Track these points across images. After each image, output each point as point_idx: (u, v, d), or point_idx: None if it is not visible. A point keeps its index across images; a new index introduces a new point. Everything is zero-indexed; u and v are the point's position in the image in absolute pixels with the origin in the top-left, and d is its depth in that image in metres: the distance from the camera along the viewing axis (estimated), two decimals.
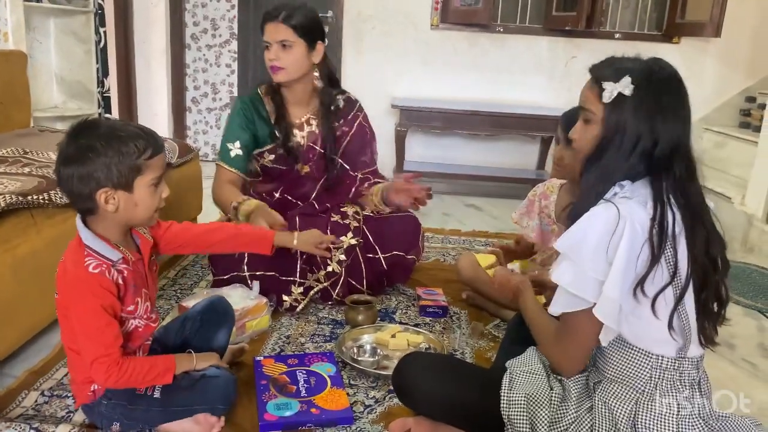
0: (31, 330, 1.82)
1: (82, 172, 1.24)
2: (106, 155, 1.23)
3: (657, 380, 1.15)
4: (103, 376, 1.29)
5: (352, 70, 4.52)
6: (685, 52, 4.38)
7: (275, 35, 2.13)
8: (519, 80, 4.47)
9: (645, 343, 1.14)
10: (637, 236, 1.07)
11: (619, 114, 1.13)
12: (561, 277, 1.12)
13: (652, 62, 1.16)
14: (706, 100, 4.39)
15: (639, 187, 1.12)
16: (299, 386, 1.63)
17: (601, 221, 1.08)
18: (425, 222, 3.48)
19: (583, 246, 1.10)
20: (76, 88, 3.83)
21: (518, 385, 1.24)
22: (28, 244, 1.75)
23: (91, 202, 1.27)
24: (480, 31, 4.40)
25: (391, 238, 2.29)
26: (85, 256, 1.28)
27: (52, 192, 1.91)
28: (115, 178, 1.25)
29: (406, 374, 1.37)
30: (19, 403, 1.54)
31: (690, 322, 1.13)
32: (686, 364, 1.15)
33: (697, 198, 1.14)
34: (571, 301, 1.12)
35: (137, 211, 1.31)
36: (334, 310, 2.18)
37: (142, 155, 1.27)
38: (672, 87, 1.13)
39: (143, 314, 1.38)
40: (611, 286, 1.07)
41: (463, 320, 2.17)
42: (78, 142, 1.25)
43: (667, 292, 1.10)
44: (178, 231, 1.54)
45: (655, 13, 4.43)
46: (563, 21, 4.24)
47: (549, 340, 1.24)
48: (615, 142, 1.13)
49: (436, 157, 4.57)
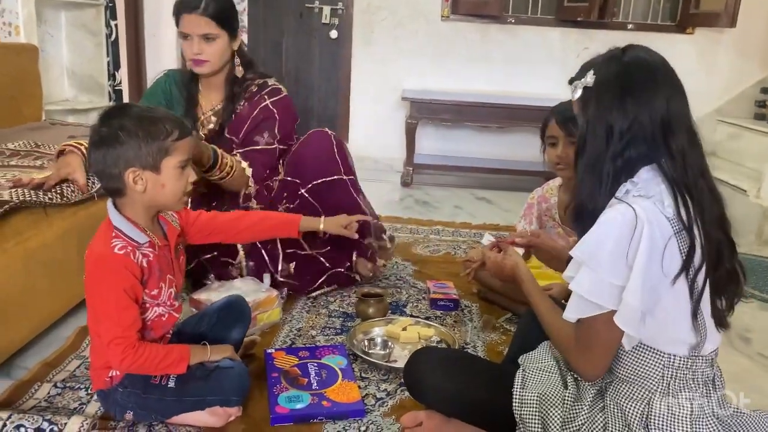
0: (43, 322, 1.82)
1: (113, 152, 1.28)
2: (136, 135, 1.28)
3: (669, 379, 1.11)
4: (118, 358, 1.30)
5: (362, 63, 4.50)
6: (699, 43, 4.32)
7: (198, 28, 2.01)
8: (530, 72, 4.43)
9: (658, 343, 1.11)
10: (656, 241, 1.03)
11: (587, 106, 1.13)
12: (579, 285, 1.09)
13: (618, 50, 1.14)
14: (721, 92, 4.34)
15: (651, 183, 1.08)
16: (310, 379, 1.63)
17: (617, 225, 1.04)
18: (436, 215, 3.49)
19: (600, 252, 1.05)
20: (87, 82, 3.84)
21: (531, 383, 1.23)
22: (40, 237, 1.76)
23: (120, 182, 1.30)
24: (491, 23, 4.37)
25: (305, 165, 2.17)
26: (113, 237, 1.32)
27: (64, 186, 1.91)
28: (143, 158, 1.29)
29: (416, 370, 1.36)
30: (32, 395, 1.55)
31: (705, 313, 1.10)
32: (699, 362, 1.12)
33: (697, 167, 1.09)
34: (587, 307, 1.09)
35: (164, 193, 1.34)
36: (345, 303, 2.18)
37: (170, 136, 1.31)
38: (642, 66, 1.10)
39: (167, 300, 1.41)
40: (631, 294, 1.03)
41: (475, 313, 2.16)
42: (110, 123, 1.29)
43: (699, 276, 1.06)
44: (206, 219, 1.62)
45: (668, 4, 4.37)
46: (575, 12, 4.20)
47: (569, 347, 1.18)
48: (591, 133, 1.12)
49: (447, 150, 4.54)
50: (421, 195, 4.01)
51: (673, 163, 1.08)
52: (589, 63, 1.16)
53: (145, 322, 1.36)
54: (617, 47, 1.15)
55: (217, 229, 1.65)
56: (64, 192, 1.87)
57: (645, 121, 1.07)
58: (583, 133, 1.14)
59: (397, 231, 3.07)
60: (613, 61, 1.12)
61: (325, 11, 4.51)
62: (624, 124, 1.08)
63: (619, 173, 1.09)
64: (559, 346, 1.23)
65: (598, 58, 1.16)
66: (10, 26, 2.99)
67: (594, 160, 1.11)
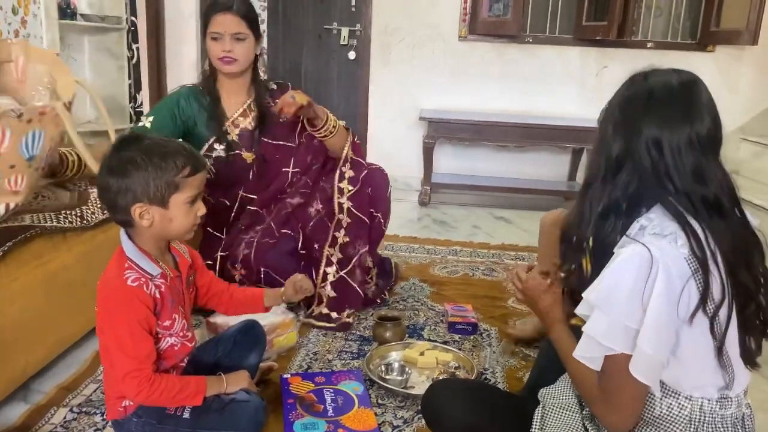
0: (61, 345, 1.83)
1: (121, 184, 1.26)
2: (145, 170, 1.25)
3: (697, 424, 1.06)
4: (134, 392, 1.29)
5: (380, 83, 4.52)
6: (721, 61, 4.27)
7: (230, 27, 2.12)
8: (549, 91, 4.41)
9: (683, 387, 1.05)
10: (673, 284, 0.98)
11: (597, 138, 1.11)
12: (593, 329, 1.03)
13: (640, 75, 1.09)
14: (743, 110, 4.27)
15: (666, 220, 1.02)
16: (326, 405, 1.61)
17: (634, 267, 0.99)
18: (454, 235, 3.46)
19: (616, 294, 1.00)
20: (109, 104, 3.89)
21: (550, 423, 1.19)
22: (59, 260, 1.77)
23: (127, 215, 1.29)
24: (509, 42, 4.36)
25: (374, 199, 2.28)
26: (126, 269, 1.30)
27: (84, 208, 1.93)
28: (151, 193, 1.27)
29: (435, 402, 1.33)
30: (49, 419, 1.55)
31: (732, 352, 1.05)
32: (728, 404, 1.06)
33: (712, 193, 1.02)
34: (597, 348, 1.04)
35: (172, 227, 1.32)
36: (362, 326, 2.16)
37: (181, 172, 1.28)
38: (640, 93, 1.06)
39: (179, 331, 1.39)
40: (645, 340, 0.98)
41: (494, 338, 2.13)
42: (120, 155, 1.28)
43: (721, 313, 1.01)
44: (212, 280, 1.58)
45: (688, 22, 4.33)
46: (594, 31, 4.18)
47: (594, 397, 1.11)
48: (591, 160, 1.11)
49: (465, 169, 4.53)
50: (438, 214, 3.99)
51: (678, 194, 1.03)
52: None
53: (159, 351, 1.35)
54: (642, 71, 1.10)
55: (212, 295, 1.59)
56: (84, 215, 1.89)
57: (638, 156, 1.03)
58: (589, 157, 1.12)
59: (414, 251, 3.05)
60: (625, 85, 1.10)
61: (344, 32, 4.55)
62: (619, 153, 1.05)
63: (616, 204, 1.05)
64: (585, 396, 1.16)
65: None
66: None
67: (587, 185, 1.10)
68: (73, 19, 3.50)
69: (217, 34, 2.13)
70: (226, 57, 2.14)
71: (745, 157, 4.05)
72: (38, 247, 1.72)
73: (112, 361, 1.32)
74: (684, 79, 1.06)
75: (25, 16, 2.95)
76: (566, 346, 1.18)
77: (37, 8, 3.03)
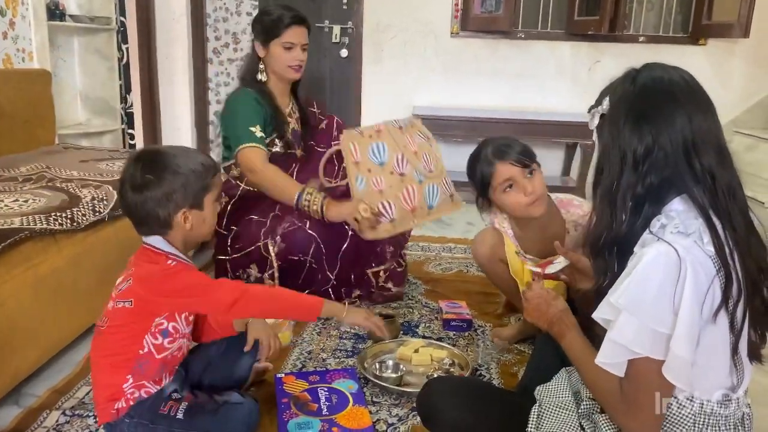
0: (53, 348, 1.82)
1: (159, 194, 1.30)
2: (183, 176, 1.31)
3: (701, 426, 1.04)
4: (258, 296, 1.40)
5: (372, 81, 4.51)
6: (712, 54, 4.28)
7: (303, 38, 2.33)
8: (542, 86, 4.41)
9: (694, 390, 1.03)
10: (701, 285, 0.96)
11: (602, 134, 1.09)
12: (621, 335, 0.99)
13: (633, 70, 1.08)
14: (735, 102, 4.28)
15: (689, 217, 1.00)
16: (321, 404, 1.60)
17: (661, 268, 0.95)
18: (448, 232, 3.45)
19: (644, 297, 0.96)
20: (99, 105, 3.88)
21: (546, 421, 1.18)
22: (49, 262, 1.76)
23: (167, 223, 1.32)
24: (501, 38, 4.36)
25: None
26: (167, 259, 1.34)
27: (74, 209, 1.92)
28: (191, 198, 1.32)
29: (430, 400, 1.32)
30: (41, 423, 1.54)
31: (742, 348, 1.04)
32: (732, 405, 1.05)
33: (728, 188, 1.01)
34: (623, 353, 1.00)
35: (204, 227, 1.38)
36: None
37: (209, 173, 1.35)
38: (657, 85, 1.04)
39: (186, 328, 1.43)
40: (680, 343, 0.94)
41: (488, 334, 2.12)
42: (150, 167, 1.30)
43: (738, 308, 1.00)
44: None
45: (680, 15, 4.33)
46: (586, 25, 4.17)
47: (617, 406, 1.06)
48: (606, 161, 1.07)
49: (459, 166, 4.50)
50: None
51: (701, 187, 1.01)
52: (607, 88, 1.11)
53: (170, 354, 1.37)
54: (633, 68, 1.09)
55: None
56: (74, 217, 1.87)
57: (665, 144, 1.00)
58: (600, 162, 1.08)
59: (408, 249, 3.04)
60: (627, 82, 1.07)
61: (335, 30, 4.54)
62: (641, 148, 1.01)
63: (641, 202, 1.02)
64: (604, 403, 1.12)
65: (615, 81, 1.10)
66: (23, 52, 3.02)
67: (610, 189, 1.05)
68: (62, 20, 3.48)
69: (291, 44, 2.30)
70: (298, 64, 2.33)
71: (738, 149, 4.05)
72: (28, 249, 1.70)
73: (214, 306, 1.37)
74: (685, 72, 1.07)
75: (13, 17, 2.93)
76: (582, 354, 1.15)
77: (25, 9, 3.01)
